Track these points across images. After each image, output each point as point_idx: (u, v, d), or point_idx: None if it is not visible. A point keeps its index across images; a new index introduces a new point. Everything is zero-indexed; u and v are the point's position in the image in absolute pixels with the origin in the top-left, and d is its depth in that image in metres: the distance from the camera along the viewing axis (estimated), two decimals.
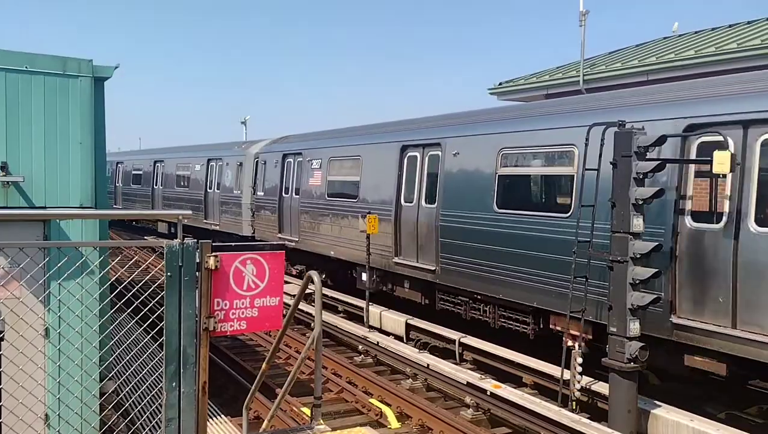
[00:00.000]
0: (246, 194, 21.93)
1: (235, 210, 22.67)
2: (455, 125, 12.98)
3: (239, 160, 22.66)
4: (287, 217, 19.01)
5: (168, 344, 3.87)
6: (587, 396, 9.01)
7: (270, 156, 20.57)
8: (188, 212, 4.46)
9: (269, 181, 20.25)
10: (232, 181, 23.10)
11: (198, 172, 25.91)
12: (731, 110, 7.86)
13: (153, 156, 31.51)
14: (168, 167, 29.13)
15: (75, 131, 7.26)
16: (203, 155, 25.80)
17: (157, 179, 30.33)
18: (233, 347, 13.02)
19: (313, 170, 17.46)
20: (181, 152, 28.98)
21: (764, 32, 16.54)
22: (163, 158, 29.93)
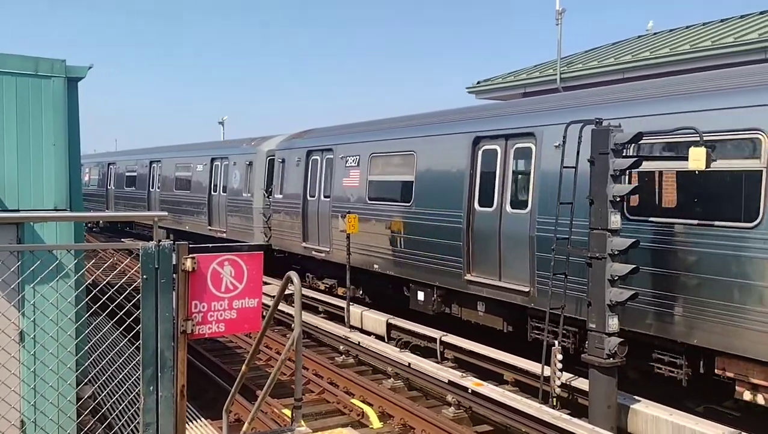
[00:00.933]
0: (258, 198, 19.56)
1: (244, 216, 20.23)
2: (558, 110, 10.45)
3: (248, 159, 20.22)
4: (314, 223, 16.41)
5: (145, 347, 3.82)
6: (567, 392, 9.06)
7: (290, 153, 17.86)
8: (164, 213, 4.39)
9: (290, 182, 17.70)
10: (240, 183, 20.61)
11: (200, 173, 23.25)
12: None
13: (149, 156, 28.57)
14: (166, 168, 26.31)
15: (48, 133, 7.14)
16: (206, 154, 23.23)
17: (153, 181, 27.57)
18: (213, 349, 12.92)
19: (349, 169, 14.97)
20: (180, 152, 26.15)
21: (738, 30, 16.78)
22: (160, 158, 27.09)
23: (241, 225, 20.49)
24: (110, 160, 33.81)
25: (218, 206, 22.07)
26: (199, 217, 23.07)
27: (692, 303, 7.90)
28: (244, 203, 20.32)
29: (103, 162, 34.56)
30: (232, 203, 21.06)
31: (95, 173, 35.52)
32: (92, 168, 35.99)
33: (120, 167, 31.83)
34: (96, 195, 34.20)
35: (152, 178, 27.62)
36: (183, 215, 24.11)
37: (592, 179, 8.15)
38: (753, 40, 14.91)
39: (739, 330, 7.40)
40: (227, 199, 21.35)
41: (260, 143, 20.14)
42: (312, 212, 16.54)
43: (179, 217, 24.29)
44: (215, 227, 22.04)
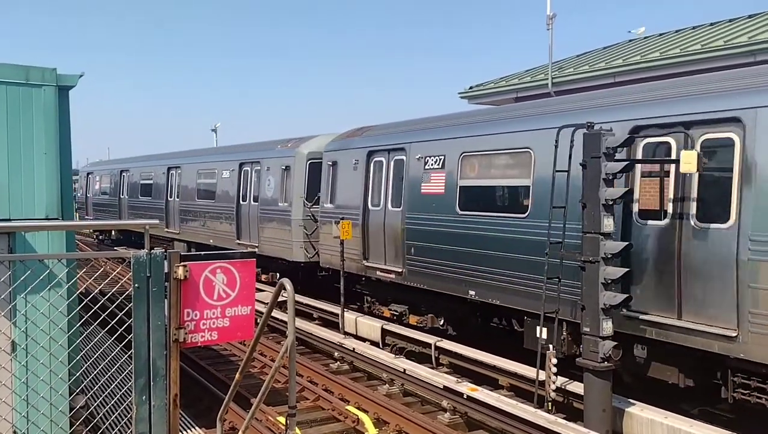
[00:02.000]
0: (296, 207, 16.92)
1: (280, 228, 17.52)
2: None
3: (285, 163, 17.63)
4: (377, 239, 13.90)
5: (137, 356, 3.80)
6: (563, 396, 9.06)
7: (343, 155, 15.23)
8: (155, 221, 4.37)
9: (344, 189, 15.10)
10: (275, 190, 17.98)
11: (226, 180, 20.54)
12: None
13: (166, 162, 25.68)
14: (186, 175, 23.53)
15: (39, 141, 7.10)
16: (234, 159, 20.44)
17: (172, 189, 24.69)
18: (207, 357, 12.86)
19: (429, 172, 12.40)
20: (202, 157, 23.29)
21: (727, 34, 16.89)
22: (180, 164, 24.24)
23: (276, 239, 17.81)
24: (123, 167, 30.63)
25: (248, 217, 19.34)
26: (225, 230, 20.37)
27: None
28: (279, 213, 17.71)
29: (115, 169, 31.47)
30: (265, 214, 18.36)
31: (106, 182, 32.61)
32: (103, 176, 33.26)
33: (134, 175, 28.82)
34: (108, 205, 31.88)
35: (170, 186, 24.88)
36: (207, 228, 21.64)
37: (584, 184, 8.17)
38: (742, 44, 15.00)
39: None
40: (259, 209, 18.58)
41: (298, 145, 17.61)
42: (375, 224, 13.98)
43: (202, 230, 21.97)
44: (245, 241, 19.32)
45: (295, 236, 16.97)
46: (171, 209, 24.60)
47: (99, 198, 33.25)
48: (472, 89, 22.51)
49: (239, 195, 19.85)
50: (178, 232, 23.63)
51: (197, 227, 22.35)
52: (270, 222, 18.13)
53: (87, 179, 35.57)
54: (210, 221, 21.37)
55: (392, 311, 13.89)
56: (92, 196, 34.57)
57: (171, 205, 24.65)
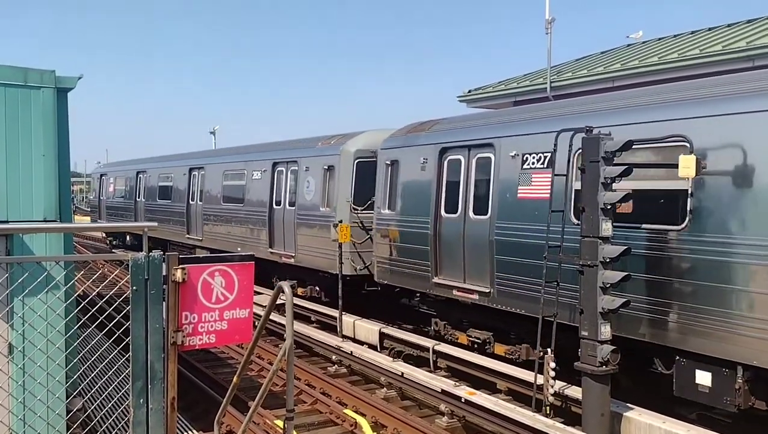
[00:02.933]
0: (342, 213, 14.74)
1: (321, 237, 15.21)
2: None
3: (327, 162, 15.51)
4: (455, 252, 11.50)
5: (135, 359, 3.79)
6: (561, 400, 9.04)
7: (407, 153, 12.93)
8: (154, 224, 4.36)
9: (407, 192, 12.79)
10: (315, 193, 15.85)
11: (258, 182, 18.39)
12: None
13: (188, 162, 23.37)
14: (210, 177, 21.37)
15: (38, 143, 7.10)
16: (266, 158, 18.28)
17: (194, 192, 22.51)
18: (205, 360, 12.84)
19: (529, 173, 10.08)
20: (229, 156, 21.05)
21: (725, 39, 16.93)
22: (203, 165, 22.05)
23: (316, 249, 15.59)
24: (139, 168, 28.22)
25: (283, 223, 17.15)
26: (256, 237, 18.21)
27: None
28: (320, 219, 15.49)
29: (131, 171, 29.07)
30: (303, 220, 16.18)
31: (121, 184, 30.18)
32: (118, 178, 30.80)
33: (151, 177, 26.46)
34: (123, 209, 29.41)
35: (192, 188, 22.58)
36: (234, 235, 19.54)
37: (583, 187, 8.17)
38: (740, 49, 15.04)
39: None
40: (296, 215, 16.39)
41: (344, 142, 15.44)
42: (451, 234, 11.62)
43: (229, 237, 19.83)
44: (278, 249, 17.09)
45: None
46: (193, 213, 22.36)
47: (113, 201, 30.96)
48: (471, 93, 22.54)
49: (272, 199, 17.71)
50: (200, 239, 21.47)
51: (223, 234, 20.22)
52: (309, 229, 15.92)
53: (100, 181, 33.14)
54: (238, 227, 19.22)
55: (472, 338, 11.52)
56: (106, 199, 32.25)
57: (193, 209, 22.39)
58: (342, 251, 13.53)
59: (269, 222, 17.69)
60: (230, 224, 19.73)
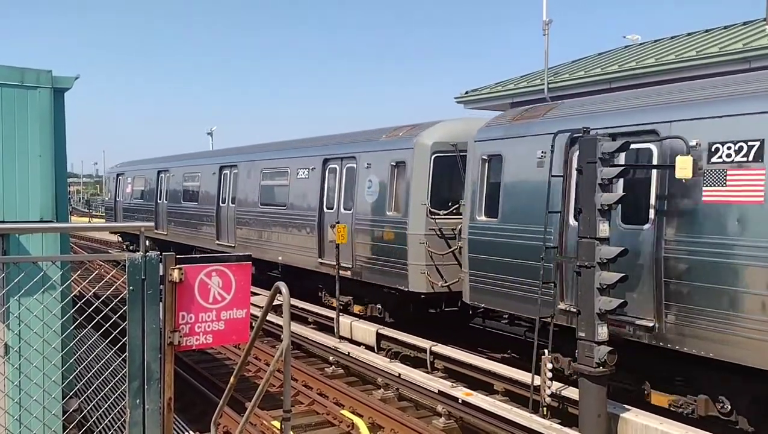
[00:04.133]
0: (416, 218, 12.50)
1: (388, 246, 13.12)
2: None
3: (396, 157, 13.20)
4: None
5: (131, 360, 3.78)
6: (558, 401, 9.05)
7: (517, 145, 10.32)
8: (150, 223, 4.35)
9: (517, 196, 10.26)
10: (379, 194, 13.52)
11: (304, 182, 16.12)
12: None
13: (218, 160, 21.20)
14: (245, 176, 19.06)
15: (34, 144, 7.08)
16: (315, 154, 16.00)
17: (225, 193, 20.20)
18: (201, 360, 12.82)
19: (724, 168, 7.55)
20: (269, 152, 18.63)
21: (722, 40, 16.97)
22: (237, 162, 19.77)
23: (381, 261, 13.32)
24: (161, 167, 25.71)
25: None
26: (302, 245, 15.89)
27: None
28: (387, 226, 13.20)
29: (151, 170, 26.59)
30: (363, 227, 13.88)
31: (140, 184, 27.80)
32: (136, 177, 28.44)
33: (175, 176, 24.03)
34: (142, 211, 27.09)
35: (224, 189, 20.27)
36: (275, 242, 17.18)
37: (580, 188, 8.18)
38: (737, 50, 15.08)
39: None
40: (354, 220, 14.11)
41: (416, 133, 13.12)
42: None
43: (269, 244, 17.50)
44: (331, 260, 14.36)
45: (414, 257, 12.48)
46: (224, 217, 20.03)
47: (131, 203, 28.61)
48: (468, 94, 22.56)
49: (323, 201, 15.39)
50: (233, 245, 19.18)
51: (260, 241, 17.95)
52: (371, 238, 13.63)
53: (116, 181, 30.73)
54: (279, 233, 16.94)
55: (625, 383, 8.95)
56: (123, 200, 29.81)
57: (224, 213, 20.08)
58: (339, 252, 13.47)
59: (319, 228, 15.30)
60: (269, 229, 17.44)
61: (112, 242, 37.58)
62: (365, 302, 14.36)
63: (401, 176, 13.18)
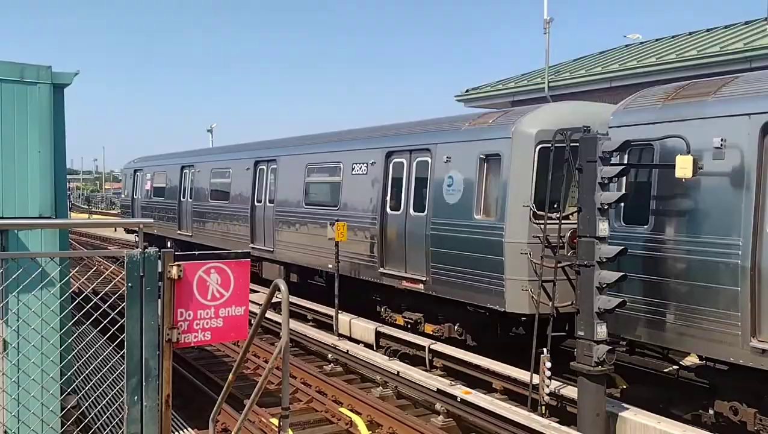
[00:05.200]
0: (516, 222, 10.29)
1: (477, 258, 10.82)
2: None
3: (486, 149, 10.96)
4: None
5: (129, 356, 3.77)
6: (556, 400, 9.05)
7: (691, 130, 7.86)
8: (150, 220, 4.34)
9: (676, 196, 8.09)
10: (461, 194, 11.34)
11: (361, 178, 14.09)
12: None
13: (253, 154, 18.88)
14: (285, 173, 16.90)
15: (33, 140, 7.07)
16: (374, 147, 13.86)
17: (261, 191, 18.02)
18: (200, 358, 12.82)
19: None
20: (316, 145, 16.30)
21: (723, 40, 16.95)
22: (275, 157, 17.54)
23: (465, 273, 11.10)
24: (186, 162, 23.42)
25: (405, 236, 12.63)
26: (361, 252, 13.84)
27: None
28: (474, 232, 10.95)
29: (174, 165, 24.22)
30: (441, 232, 11.64)
31: (161, 180, 25.43)
32: (156, 174, 26.12)
33: (201, 172, 21.88)
34: (163, 210, 24.70)
35: (260, 187, 18.16)
36: (324, 247, 14.70)
37: (580, 187, 8.17)
38: (738, 50, 15.07)
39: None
40: (430, 224, 11.88)
41: (514, 120, 10.81)
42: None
43: (315, 249, 15.36)
44: (396, 270, 12.72)
45: (512, 270, 10.24)
46: (260, 218, 17.91)
47: (151, 201, 26.35)
48: (468, 92, 22.55)
49: (384, 201, 13.30)
50: (271, 250, 17.14)
51: (305, 246, 15.86)
52: (452, 246, 11.38)
53: (134, 178, 28.48)
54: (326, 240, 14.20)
55: None
56: (141, 198, 27.63)
57: (259, 213, 17.96)
58: (338, 250, 13.41)
59: (381, 233, 13.28)
60: (316, 233, 15.20)
61: (111, 238, 37.63)
62: (440, 321, 12.30)
63: (493, 171, 10.88)
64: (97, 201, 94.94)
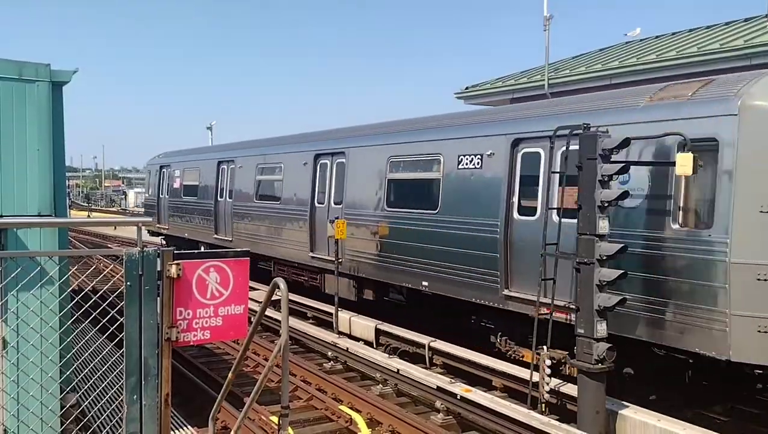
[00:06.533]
0: (747, 238, 7.51)
1: (676, 284, 8.08)
2: None
3: (693, 133, 7.80)
4: None
5: (128, 355, 3.76)
6: (556, 398, 9.05)
7: None
8: (149, 219, 4.32)
9: None
10: (646, 194, 8.53)
11: (466, 176, 11.32)
12: None
13: (311, 147, 16.09)
14: (356, 167, 14.22)
15: (32, 138, 7.06)
16: (493, 133, 10.94)
17: (324, 189, 15.37)
18: (200, 356, 12.82)
19: None
20: (401, 134, 13.37)
21: (723, 37, 16.93)
22: (344, 149, 14.65)
23: (656, 305, 8.30)
24: (224, 156, 20.67)
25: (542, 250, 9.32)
26: (471, 266, 10.99)
27: None
28: (671, 247, 8.18)
29: (209, 161, 21.33)
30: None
31: (193, 178, 22.43)
32: (187, 170, 23.03)
33: (245, 168, 19.00)
34: (195, 212, 21.86)
35: (322, 186, 15.51)
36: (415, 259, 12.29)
37: (580, 185, 8.16)
38: (738, 47, 15.05)
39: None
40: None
41: (738, 90, 7.88)
42: None
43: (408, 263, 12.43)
44: (529, 293, 9.77)
45: (742, 305, 7.51)
46: (321, 222, 15.16)
47: (180, 201, 23.23)
48: (468, 90, 22.53)
49: (510, 203, 10.35)
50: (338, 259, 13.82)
51: (385, 258, 13.12)
52: (632, 265, 8.29)
53: (159, 175, 25.18)
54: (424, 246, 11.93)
55: None
56: (168, 197, 24.35)
57: (321, 216, 15.30)
58: (338, 248, 13.43)
59: (506, 245, 10.24)
60: (406, 241, 12.45)
61: (111, 236, 37.60)
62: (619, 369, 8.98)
63: (706, 163, 7.92)
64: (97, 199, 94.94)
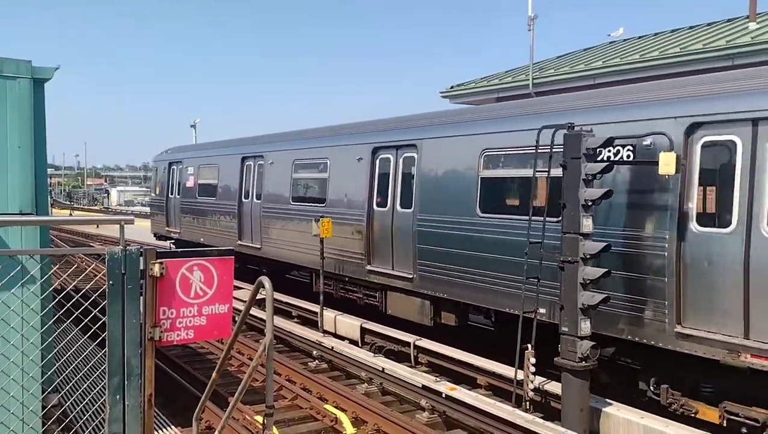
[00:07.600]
0: None
1: None
2: None
3: None
4: None
5: (111, 355, 3.72)
6: (540, 396, 9.09)
7: None
8: (131, 217, 4.29)
9: None
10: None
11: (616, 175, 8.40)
12: None
13: (366, 139, 13.76)
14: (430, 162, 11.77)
15: (13, 135, 6.96)
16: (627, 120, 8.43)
17: (386, 190, 12.96)
18: (183, 355, 12.73)
19: None
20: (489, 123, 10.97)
21: (705, 37, 17.09)
22: (416, 141, 12.14)
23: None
24: (248, 152, 18.12)
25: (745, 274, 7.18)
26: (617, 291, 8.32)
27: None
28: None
29: (231, 157, 18.91)
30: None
31: (209, 176, 20.00)
32: (203, 167, 20.48)
33: (276, 165, 16.56)
34: (213, 213, 19.47)
35: (379, 186, 13.25)
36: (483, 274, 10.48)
37: (565, 184, 8.20)
38: (720, 47, 15.19)
39: None
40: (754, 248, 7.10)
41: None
42: None
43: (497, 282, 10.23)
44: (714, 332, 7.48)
45: None
46: (385, 230, 12.91)
47: (194, 202, 20.65)
48: (453, 89, 22.56)
49: (684, 210, 7.83)
50: (409, 275, 12.09)
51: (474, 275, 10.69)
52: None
53: (169, 172, 22.54)
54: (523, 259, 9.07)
55: None
56: (180, 197, 21.70)
57: (383, 221, 12.98)
58: (323, 247, 13.40)
59: (678, 264, 7.78)
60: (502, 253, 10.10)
61: (93, 235, 37.27)
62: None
63: None
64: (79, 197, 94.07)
